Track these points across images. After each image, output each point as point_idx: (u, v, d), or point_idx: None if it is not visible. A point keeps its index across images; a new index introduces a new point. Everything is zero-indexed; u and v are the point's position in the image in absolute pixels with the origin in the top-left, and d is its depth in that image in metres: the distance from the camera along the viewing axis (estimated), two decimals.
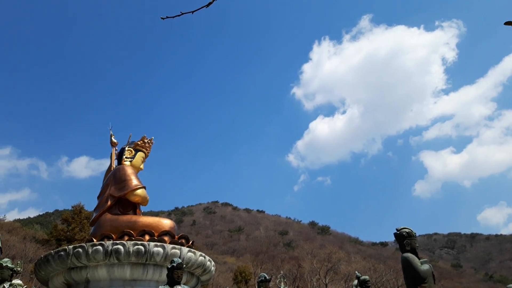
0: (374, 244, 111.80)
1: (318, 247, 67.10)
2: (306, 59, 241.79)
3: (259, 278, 11.83)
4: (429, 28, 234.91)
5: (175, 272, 8.39)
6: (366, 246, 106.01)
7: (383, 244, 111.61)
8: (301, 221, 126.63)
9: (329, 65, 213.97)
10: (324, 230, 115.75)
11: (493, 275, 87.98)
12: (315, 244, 74.55)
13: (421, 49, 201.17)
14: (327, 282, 40.64)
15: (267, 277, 11.77)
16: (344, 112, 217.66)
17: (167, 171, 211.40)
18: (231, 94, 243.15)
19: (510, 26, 0.73)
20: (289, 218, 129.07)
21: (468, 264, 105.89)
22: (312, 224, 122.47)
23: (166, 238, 11.58)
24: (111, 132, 14.49)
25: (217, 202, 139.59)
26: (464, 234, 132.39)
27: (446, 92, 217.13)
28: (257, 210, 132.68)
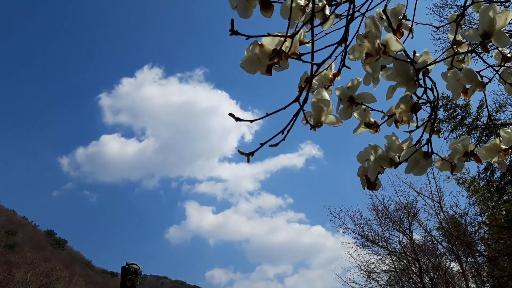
0: (104, 271, 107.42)
1: (43, 259, 59.98)
2: (131, 74, 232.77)
3: None
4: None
5: None
6: (95, 272, 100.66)
7: (113, 274, 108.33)
8: (38, 226, 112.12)
9: (149, 91, 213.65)
10: (60, 243, 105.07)
11: None
12: (41, 255, 66.40)
13: (232, 119, 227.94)
14: None
15: None
16: (141, 141, 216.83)
17: None
18: (38, 69, 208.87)
19: (232, 117, 0.69)
20: (26, 218, 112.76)
21: None
22: (50, 233, 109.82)
23: None
24: None
25: None
26: (188, 284, 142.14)
27: (229, 161, 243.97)
28: None
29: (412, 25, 1.24)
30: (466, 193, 10.69)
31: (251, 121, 0.86)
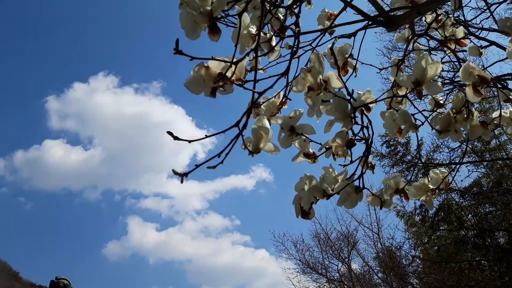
0: (32, 284, 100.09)
1: None
2: (84, 79, 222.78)
3: None
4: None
5: None
6: (22, 284, 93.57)
7: None
8: None
9: (101, 99, 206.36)
10: None
11: None
12: None
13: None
14: None
15: None
16: (87, 150, 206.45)
17: None
18: None
19: (170, 136, 0.69)
20: None
21: None
22: None
23: None
24: None
25: None
26: None
27: (179, 177, 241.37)
28: None
29: (356, 64, 1.31)
30: (403, 227, 11.19)
31: (189, 141, 0.85)
